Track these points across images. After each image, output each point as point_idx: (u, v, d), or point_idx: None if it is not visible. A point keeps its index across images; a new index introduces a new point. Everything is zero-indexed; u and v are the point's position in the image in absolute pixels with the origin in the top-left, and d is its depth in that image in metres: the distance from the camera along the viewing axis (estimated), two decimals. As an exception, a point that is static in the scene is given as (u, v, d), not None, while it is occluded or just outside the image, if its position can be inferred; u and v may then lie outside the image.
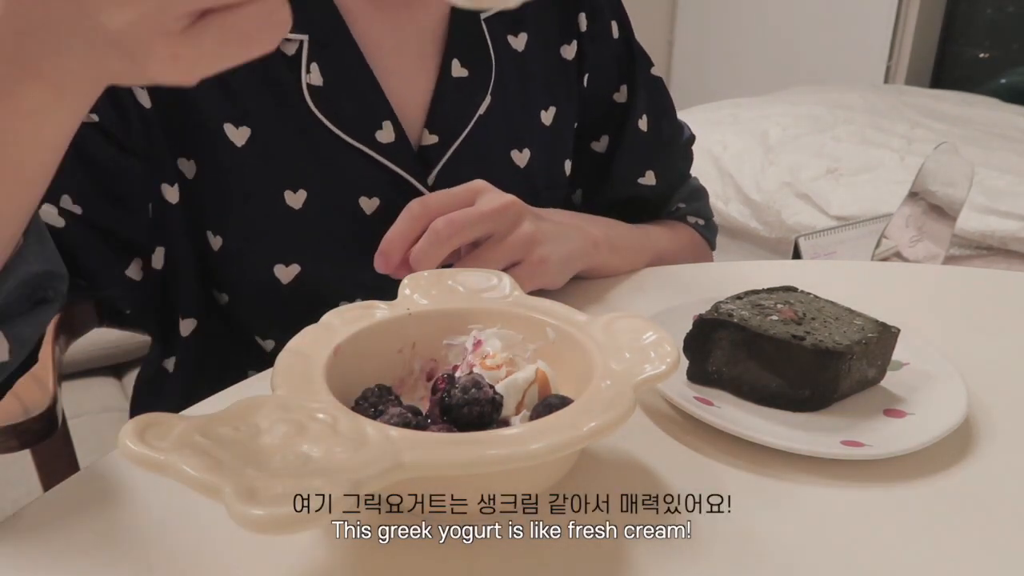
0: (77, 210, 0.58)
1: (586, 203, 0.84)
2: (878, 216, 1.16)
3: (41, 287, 0.46)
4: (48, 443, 0.76)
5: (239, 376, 0.69)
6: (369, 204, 0.66)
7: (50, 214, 0.56)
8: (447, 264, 0.58)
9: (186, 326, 0.66)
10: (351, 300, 0.66)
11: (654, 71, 0.83)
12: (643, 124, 0.80)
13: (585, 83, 0.78)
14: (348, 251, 0.66)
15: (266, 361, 0.68)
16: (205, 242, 0.64)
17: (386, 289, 0.68)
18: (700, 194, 0.88)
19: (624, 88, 0.80)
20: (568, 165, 0.79)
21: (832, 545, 0.40)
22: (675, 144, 0.85)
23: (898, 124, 2.45)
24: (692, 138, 0.88)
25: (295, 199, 0.64)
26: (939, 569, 0.39)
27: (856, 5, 3.15)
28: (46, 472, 0.80)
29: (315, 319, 0.67)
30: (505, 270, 0.56)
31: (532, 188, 0.74)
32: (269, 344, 0.68)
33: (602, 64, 0.78)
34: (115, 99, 0.58)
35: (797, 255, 1.08)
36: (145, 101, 0.59)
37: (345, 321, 0.45)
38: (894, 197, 1.58)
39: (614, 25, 0.79)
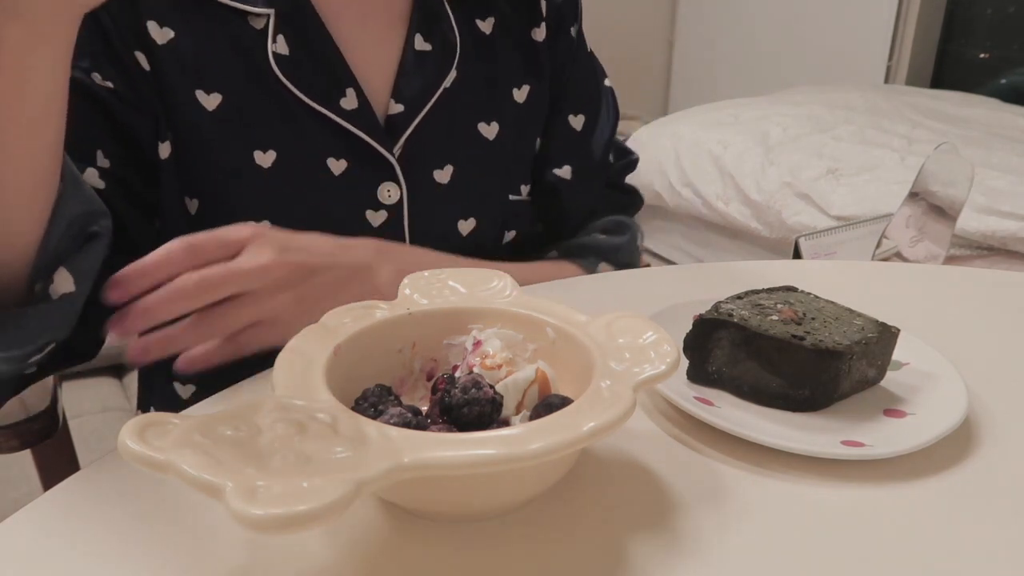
0: (112, 170, 0.63)
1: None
2: (878, 216, 1.16)
3: (87, 224, 0.51)
4: (49, 443, 0.76)
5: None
6: (337, 166, 0.69)
7: (92, 175, 0.61)
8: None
9: None
10: None
11: (608, 83, 0.86)
12: (575, 122, 0.82)
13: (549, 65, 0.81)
14: (316, 208, 0.69)
15: None
16: (184, 207, 0.67)
17: None
18: (626, 229, 0.83)
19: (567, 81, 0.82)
20: (538, 143, 0.81)
21: (832, 545, 0.40)
22: (604, 157, 0.84)
23: (898, 124, 2.45)
24: (631, 163, 0.87)
25: (264, 159, 0.67)
26: (939, 569, 0.39)
27: (856, 5, 3.15)
28: (46, 472, 0.80)
29: None
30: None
31: (501, 160, 0.77)
32: None
33: (559, 55, 0.81)
34: (122, 66, 0.62)
35: (797, 255, 1.08)
36: (144, 64, 0.63)
37: (345, 321, 0.45)
38: (894, 197, 1.58)
39: (572, 30, 0.82)
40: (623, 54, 3.52)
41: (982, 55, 3.15)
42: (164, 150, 0.65)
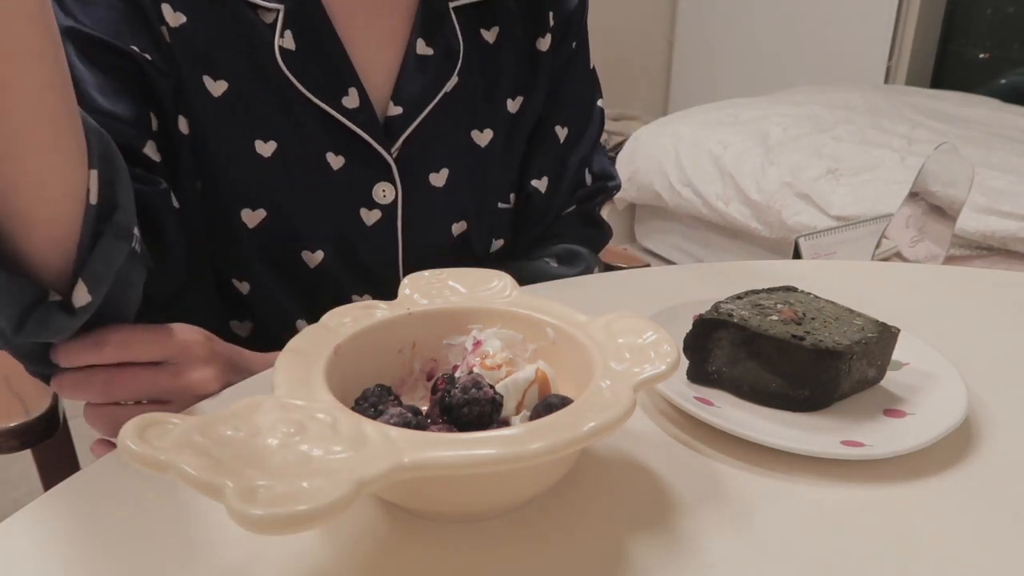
0: (159, 137, 0.64)
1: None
2: (878, 216, 1.16)
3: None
4: (49, 443, 0.76)
5: (221, 322, 0.72)
6: (336, 160, 0.70)
7: (151, 148, 0.63)
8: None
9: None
10: (312, 251, 0.71)
11: (600, 103, 0.86)
12: (560, 133, 0.82)
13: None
14: (312, 201, 0.70)
15: (243, 305, 0.72)
16: (194, 187, 0.68)
17: (345, 241, 0.71)
18: (580, 261, 0.82)
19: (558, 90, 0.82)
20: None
21: (832, 545, 0.40)
22: (579, 174, 0.84)
23: (898, 124, 2.45)
24: (610, 190, 0.86)
25: (265, 148, 0.68)
26: (939, 569, 0.39)
27: (856, 5, 3.15)
28: (47, 472, 0.80)
29: (281, 265, 0.70)
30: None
31: (492, 168, 0.78)
32: (245, 287, 0.71)
33: (558, 65, 0.81)
34: (154, 39, 0.63)
35: (797, 255, 1.08)
36: (167, 38, 0.65)
37: (345, 321, 0.45)
38: (894, 197, 1.58)
39: (573, 43, 0.82)
40: (623, 54, 3.52)
41: (982, 55, 3.15)
42: (184, 125, 0.66)
